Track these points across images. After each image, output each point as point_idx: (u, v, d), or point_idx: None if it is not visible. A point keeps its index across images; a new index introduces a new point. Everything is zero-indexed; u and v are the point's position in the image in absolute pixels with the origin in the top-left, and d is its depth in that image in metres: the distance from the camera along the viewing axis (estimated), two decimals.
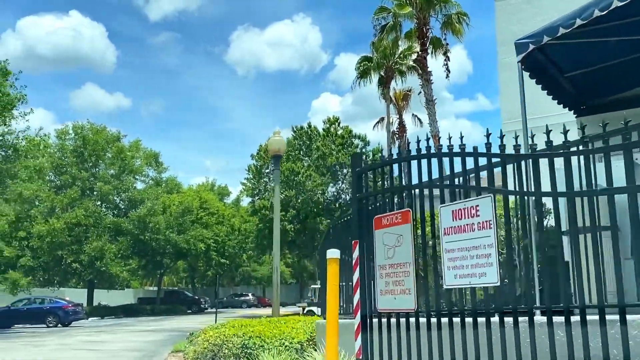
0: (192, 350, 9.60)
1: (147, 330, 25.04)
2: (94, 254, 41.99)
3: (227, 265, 52.23)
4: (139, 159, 49.40)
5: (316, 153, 39.07)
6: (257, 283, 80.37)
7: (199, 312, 52.53)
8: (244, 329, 9.69)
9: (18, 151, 25.10)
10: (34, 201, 45.09)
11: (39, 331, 26.27)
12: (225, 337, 9.39)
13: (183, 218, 47.13)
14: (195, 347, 9.70)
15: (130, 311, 48.32)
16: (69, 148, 47.14)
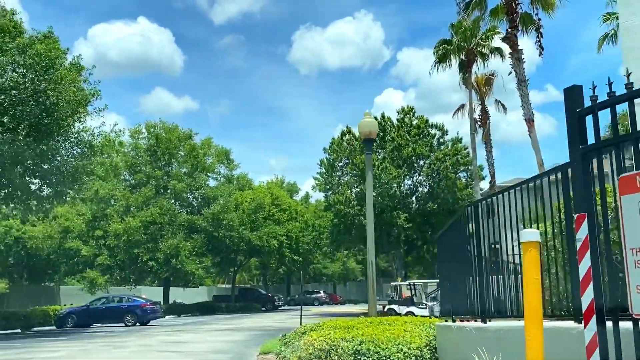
0: (297, 356, 8.36)
1: (227, 329, 24.23)
2: (169, 251, 41.88)
3: (299, 263, 51.33)
4: (211, 157, 49.15)
5: (391, 144, 37.47)
6: (328, 280, 79.31)
7: (273, 309, 51.91)
8: (352, 332, 8.37)
9: (93, 147, 24.74)
10: (110, 200, 45.50)
11: (118, 330, 25.91)
12: (332, 341, 8.10)
13: (255, 215, 46.52)
14: (299, 352, 8.45)
15: (206, 309, 48.14)
16: (143, 147, 47.37)
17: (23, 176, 23.34)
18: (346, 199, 35.79)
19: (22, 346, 17.75)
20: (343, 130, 38.82)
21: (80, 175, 24.43)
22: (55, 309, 31.46)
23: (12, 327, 26.91)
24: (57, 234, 44.29)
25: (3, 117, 22.16)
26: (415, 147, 36.45)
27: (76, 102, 23.40)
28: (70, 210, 45.82)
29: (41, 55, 21.76)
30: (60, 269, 49.83)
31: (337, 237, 37.36)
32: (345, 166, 37.80)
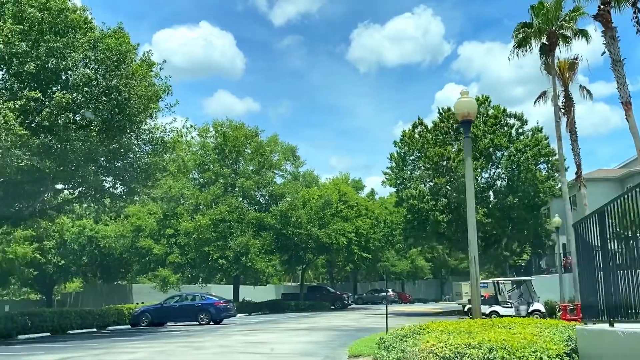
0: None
1: (303, 329, 23.36)
2: (239, 249, 41.55)
3: (369, 260, 50.13)
4: (277, 154, 48.65)
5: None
6: (396, 278, 77.62)
7: (342, 308, 50.97)
8: (477, 337, 7.18)
9: (166, 144, 24.35)
10: (180, 199, 45.62)
11: (193, 329, 25.46)
12: (456, 347, 6.94)
13: (323, 212, 45.65)
14: (413, 359, 7.32)
15: (275, 307, 47.68)
16: (211, 146, 47.31)
17: (97, 174, 23.15)
18: (419, 194, 34.39)
19: (99, 346, 17.37)
20: (414, 122, 37.46)
21: (153, 172, 24.07)
22: (130, 307, 31.47)
23: (88, 325, 26.93)
24: (129, 233, 44.66)
25: (76, 115, 21.98)
26: (493, 138, 34.66)
27: (147, 97, 23.02)
28: (142, 210, 46.18)
29: (112, 50, 21.45)
30: (133, 268, 50.40)
31: (411, 233, 35.98)
32: (418, 160, 36.38)
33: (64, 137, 20.94)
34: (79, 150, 21.03)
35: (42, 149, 20.70)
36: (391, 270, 70.36)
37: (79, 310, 27.45)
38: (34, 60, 20.11)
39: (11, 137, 18.78)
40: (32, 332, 23.36)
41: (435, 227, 34.33)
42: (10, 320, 22.69)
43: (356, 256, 47.74)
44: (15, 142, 19.08)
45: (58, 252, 48.76)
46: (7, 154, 18.80)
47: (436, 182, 34.47)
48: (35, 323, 23.67)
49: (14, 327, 22.67)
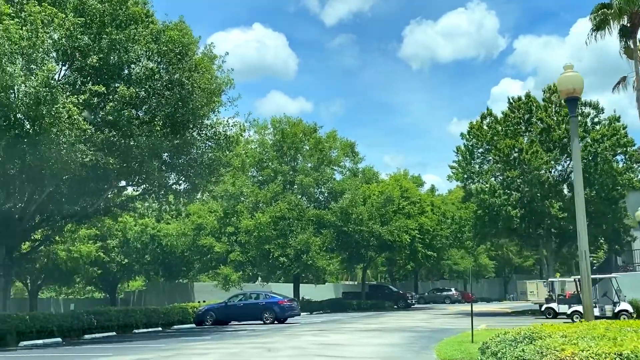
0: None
1: (373, 330, 22.26)
2: (299, 247, 40.75)
3: (433, 259, 48.57)
4: (336, 150, 47.63)
5: (538, 126, 33.91)
6: (458, 277, 75.52)
7: (405, 307, 49.57)
8: (623, 345, 5.92)
9: (229, 138, 23.68)
10: (239, 197, 45.22)
11: (259, 329, 24.73)
12: (598, 356, 5.71)
13: (385, 208, 44.38)
14: None
15: (336, 306, 46.76)
16: (269, 143, 46.74)
17: (160, 170, 22.67)
18: (490, 188, 32.72)
19: (168, 347, 16.74)
20: (483, 113, 35.73)
21: (217, 167, 23.45)
22: (194, 306, 31.06)
23: (153, 324, 26.55)
24: (191, 231, 44.56)
25: (139, 110, 21.55)
26: (568, 128, 32.62)
27: (210, 91, 22.41)
28: (202, 208, 46.06)
29: (175, 42, 20.91)
30: (194, 266, 50.42)
31: (481, 229, 34.34)
32: (487, 152, 34.70)
33: (128, 132, 20.53)
34: (143, 145, 20.56)
35: (106, 144, 20.34)
36: (454, 269, 68.53)
37: (144, 309, 27.14)
38: (96, 53, 19.72)
39: (75, 131, 18.43)
40: (98, 331, 23.08)
41: (507, 223, 32.62)
42: (77, 319, 22.45)
43: (420, 254, 46.28)
44: (80, 137, 18.72)
45: (121, 251, 49.17)
46: (71, 149, 18.45)
47: (508, 175, 32.74)
48: (101, 322, 23.40)
49: (80, 326, 22.43)
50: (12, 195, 22.70)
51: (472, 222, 34.74)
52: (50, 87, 18.17)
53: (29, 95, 17.53)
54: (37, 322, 20.52)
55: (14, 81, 17.36)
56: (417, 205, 47.20)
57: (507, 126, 34.22)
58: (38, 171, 20.92)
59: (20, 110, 17.99)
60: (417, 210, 46.90)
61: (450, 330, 21.14)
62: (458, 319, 30.18)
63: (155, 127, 20.62)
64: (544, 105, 34.80)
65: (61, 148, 18.33)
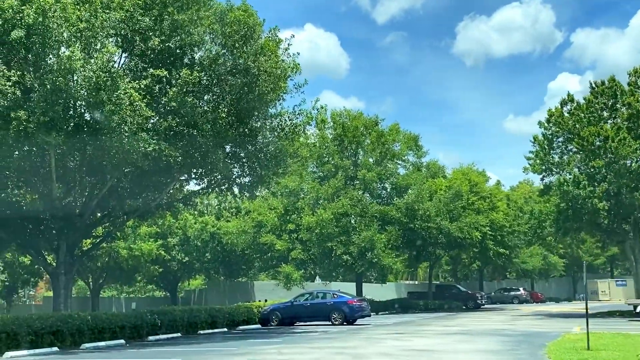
0: None
1: (456, 333, 20.31)
2: (363, 244, 38.96)
3: (505, 256, 45.95)
4: (399, 143, 45.60)
5: (625, 112, 31.13)
6: (524, 276, 72.06)
7: (475, 308, 47.16)
8: None
9: (296, 126, 22.15)
10: (299, 193, 43.82)
11: (330, 330, 23.11)
12: None
13: (454, 204, 42.10)
14: None
15: (402, 306, 44.84)
16: (329, 137, 45.13)
17: (225, 161, 21.29)
18: (574, 179, 30.16)
19: (239, 351, 15.28)
20: (563, 99, 33.08)
21: (284, 157, 21.92)
22: (259, 305, 29.69)
23: (218, 325, 25.29)
24: (251, 229, 43.33)
25: (203, 97, 20.24)
26: None
27: (276, 76, 20.90)
28: (263, 205, 44.87)
29: (240, 23, 19.48)
30: (254, 264, 49.31)
31: (564, 224, 31.74)
32: (568, 141, 32.08)
33: (192, 120, 19.21)
34: (208, 134, 19.23)
35: (169, 133, 19.07)
36: (522, 268, 65.38)
37: (209, 308, 25.89)
38: (157, 36, 18.47)
39: (137, 119, 17.20)
40: (162, 332, 21.89)
41: (593, 217, 30.02)
42: (140, 319, 21.31)
43: (492, 252, 43.80)
44: (142, 125, 17.49)
45: (182, 249, 48.54)
46: (133, 137, 17.22)
47: (593, 165, 30.10)
48: (165, 322, 22.21)
49: (143, 327, 21.30)
50: (72, 190, 21.82)
51: (553, 216, 32.16)
52: (111, 73, 17.00)
53: (88, 79, 16.38)
54: (99, 323, 19.43)
55: (72, 65, 16.23)
56: (487, 200, 44.75)
57: (590, 112, 31.57)
58: (99, 163, 19.91)
59: (79, 97, 16.88)
60: (487, 205, 44.46)
61: (544, 334, 19.04)
62: (542, 321, 27.85)
63: (220, 115, 19.25)
64: (630, 89, 31.99)
65: (123, 137, 17.14)
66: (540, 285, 74.82)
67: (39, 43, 16.62)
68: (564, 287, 79.22)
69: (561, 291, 78.04)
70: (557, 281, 79.27)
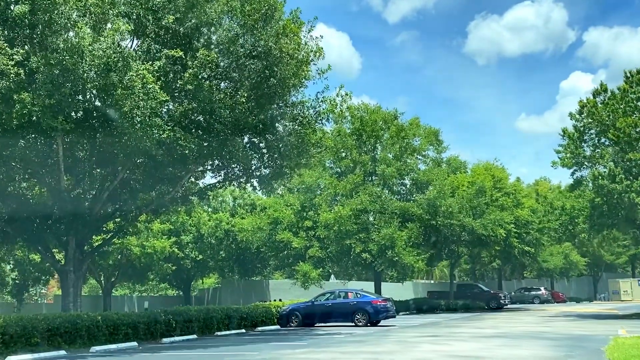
0: None
1: (494, 336, 18.77)
2: (383, 242, 37.41)
3: (530, 255, 44.22)
4: (419, 138, 43.99)
5: None
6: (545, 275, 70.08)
7: (498, 308, 45.49)
8: None
9: (320, 114, 20.70)
10: (316, 189, 42.39)
11: (356, 332, 21.64)
12: None
13: (477, 200, 40.46)
14: None
15: (423, 306, 43.29)
16: (347, 132, 43.64)
17: (244, 150, 19.86)
18: (610, 173, 28.48)
19: (262, 356, 13.87)
20: (595, 89, 31.37)
21: (307, 147, 20.46)
22: (277, 305, 28.29)
23: (236, 325, 23.91)
24: (267, 226, 41.93)
25: (221, 80, 18.84)
26: None
27: (299, 60, 19.47)
28: (279, 201, 43.50)
29: (260, 1, 18.03)
30: (270, 263, 47.94)
31: (599, 220, 30.07)
32: (602, 133, 30.39)
33: (209, 106, 17.80)
34: (226, 120, 17.80)
35: (185, 119, 17.69)
36: (543, 267, 63.54)
37: (226, 308, 24.47)
38: (172, 14, 17.08)
39: (150, 103, 15.82)
40: (177, 333, 20.55)
41: (631, 212, 28.33)
42: (154, 319, 19.97)
43: (516, 250, 42.12)
44: (156, 110, 16.11)
45: (195, 247, 47.23)
46: (146, 123, 15.84)
47: (630, 157, 28.41)
48: (179, 323, 20.86)
49: (157, 328, 19.97)
50: (81, 182, 20.52)
51: (587, 211, 30.48)
52: (122, 53, 15.65)
53: (98, 59, 15.03)
54: (110, 323, 18.14)
55: (80, 44, 14.89)
56: (512, 196, 43.07)
57: (625, 103, 29.89)
58: (109, 153, 18.57)
59: (88, 79, 15.51)
60: (511, 202, 42.77)
61: (591, 338, 17.50)
62: (578, 323, 26.22)
63: (239, 100, 17.83)
64: None
65: (135, 122, 15.77)
66: (560, 285, 72.98)
67: (45, 20, 15.31)
68: (584, 286, 77.28)
69: (581, 291, 76.14)
70: (577, 281, 77.26)
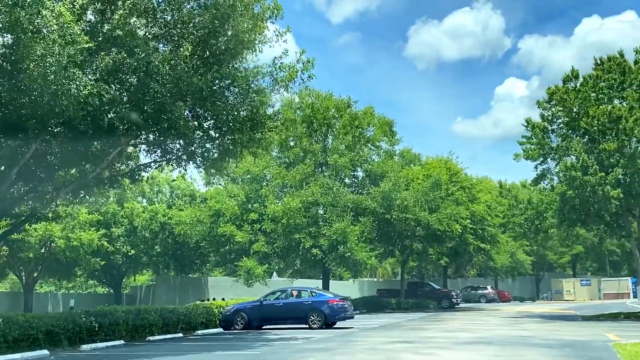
0: None
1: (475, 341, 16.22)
2: (335, 237, 34.67)
3: (485, 252, 42.48)
4: (373, 127, 41.53)
5: (638, 91, 27.78)
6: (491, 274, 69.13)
7: (451, 307, 43.61)
8: None
9: (277, 81, 17.64)
10: (263, 180, 39.23)
11: (313, 337, 18.69)
12: None
13: (433, 194, 38.24)
14: None
15: (372, 305, 40.95)
16: (297, 119, 40.67)
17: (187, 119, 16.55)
18: (582, 164, 26.57)
19: None
20: (566, 75, 29.56)
21: (262, 119, 17.32)
22: (220, 304, 25.04)
23: (172, 329, 20.60)
24: (207, 219, 38.35)
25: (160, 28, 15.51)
26: None
27: (255, 15, 16.35)
28: (221, 192, 40.11)
29: None
30: (210, 259, 44.30)
31: (568, 214, 28.16)
32: (573, 122, 28.50)
33: (144, 60, 14.46)
34: (165, 78, 14.50)
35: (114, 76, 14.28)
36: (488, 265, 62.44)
37: (160, 309, 21.02)
38: None
39: (69, 49, 12.40)
40: (101, 338, 17.12)
41: (604, 206, 26.50)
42: (72, 322, 16.48)
43: (471, 247, 40.20)
44: (75, 58, 12.69)
45: (127, 241, 43.15)
46: (62, 74, 12.41)
47: (604, 147, 26.60)
48: (104, 326, 17.45)
49: (77, 332, 16.50)
50: None
51: (556, 205, 28.56)
52: None
53: None
54: (14, 328, 14.59)
55: None
56: (467, 190, 41.16)
57: (599, 90, 28.15)
58: (19, 117, 14.93)
59: None
60: (466, 196, 40.83)
61: (587, 344, 15.25)
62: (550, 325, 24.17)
63: (183, 54, 14.57)
64: (637, 68, 28.66)
65: (48, 72, 12.33)
66: (504, 284, 72.50)
67: None
68: (527, 286, 77.14)
69: (524, 290, 76.00)
70: (520, 280, 76.94)
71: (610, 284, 70.02)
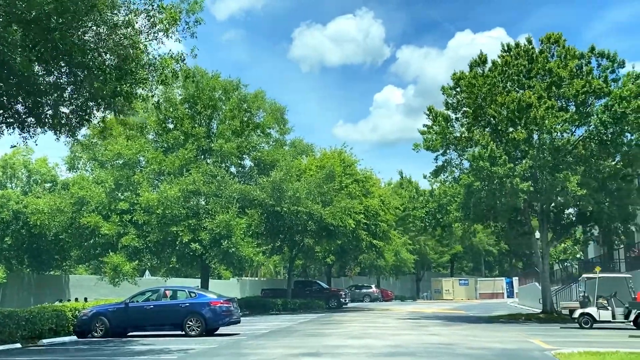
0: None
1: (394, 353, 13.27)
2: (218, 230, 30.89)
3: (378, 249, 40.31)
4: (264, 113, 38.13)
5: (545, 80, 26.44)
6: (374, 273, 67.94)
7: (338, 307, 41.13)
8: None
9: (154, 24, 13.69)
10: (136, 164, 34.52)
11: (191, 347, 14.95)
12: None
13: (327, 185, 35.45)
14: None
15: (255, 306, 37.43)
16: (178, 98, 36.40)
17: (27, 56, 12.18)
18: (490, 154, 24.66)
19: None
20: (473, 60, 27.74)
21: (132, 67, 13.30)
22: (75, 306, 20.46)
23: (8, 338, 16.01)
24: (69, 207, 32.93)
25: None
26: (586, 82, 25.40)
27: None
28: (86, 177, 34.88)
29: None
30: (71, 253, 38.64)
31: (474, 208, 26.20)
32: (479, 109, 26.68)
33: None
34: None
35: None
36: (374, 264, 61.03)
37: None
38: None
39: None
40: None
41: (512, 200, 24.78)
42: None
43: (364, 243, 37.84)
44: None
45: None
46: None
47: (513, 137, 24.87)
48: None
49: None
50: None
51: (461, 198, 26.56)
52: None
53: None
54: None
55: None
56: (361, 184, 38.82)
57: (507, 77, 26.54)
58: None
59: None
60: (360, 190, 38.46)
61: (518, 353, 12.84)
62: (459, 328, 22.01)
63: None
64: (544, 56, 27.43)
65: None
66: (386, 283, 71.90)
67: None
68: (407, 284, 77.06)
69: (405, 289, 75.89)
70: (402, 279, 76.72)
71: (486, 283, 71.29)
